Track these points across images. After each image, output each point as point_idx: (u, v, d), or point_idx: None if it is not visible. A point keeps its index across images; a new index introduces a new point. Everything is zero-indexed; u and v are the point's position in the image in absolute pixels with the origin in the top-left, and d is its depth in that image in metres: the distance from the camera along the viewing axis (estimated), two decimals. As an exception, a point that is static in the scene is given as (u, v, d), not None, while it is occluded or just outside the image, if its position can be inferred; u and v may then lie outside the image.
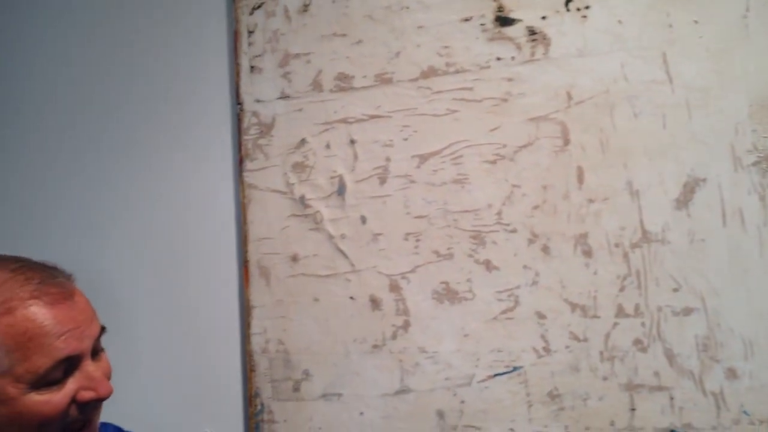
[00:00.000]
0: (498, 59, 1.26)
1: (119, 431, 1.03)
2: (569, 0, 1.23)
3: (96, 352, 0.87)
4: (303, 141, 1.38)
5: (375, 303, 1.32)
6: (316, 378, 1.35)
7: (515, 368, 1.23)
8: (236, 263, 1.44)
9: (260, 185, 1.40)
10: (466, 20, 1.28)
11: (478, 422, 1.25)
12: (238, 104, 1.43)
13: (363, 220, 1.33)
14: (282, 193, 1.39)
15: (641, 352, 1.17)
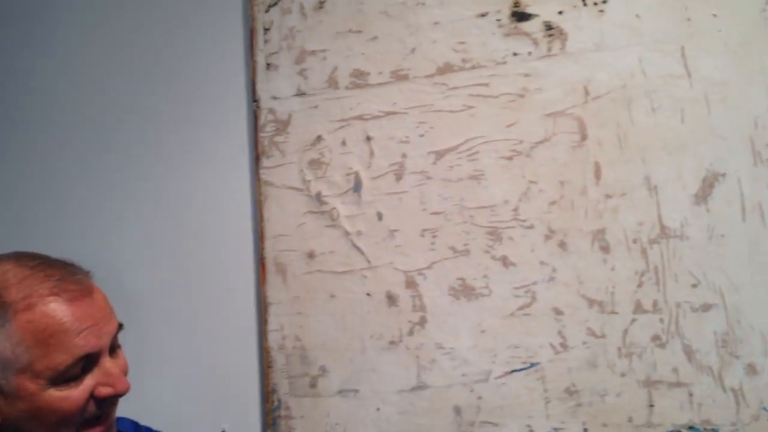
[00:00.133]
0: (514, 54, 1.26)
1: (136, 426, 1.04)
2: (586, -6, 1.23)
3: (113, 349, 0.88)
4: (319, 138, 1.38)
5: (391, 299, 1.32)
6: (333, 374, 1.35)
7: (532, 364, 1.23)
8: (253, 260, 1.44)
9: (276, 182, 1.41)
10: (482, 16, 1.28)
11: (496, 418, 1.25)
12: (255, 101, 1.43)
13: (379, 217, 1.34)
14: (298, 190, 1.39)
15: (660, 348, 1.16)
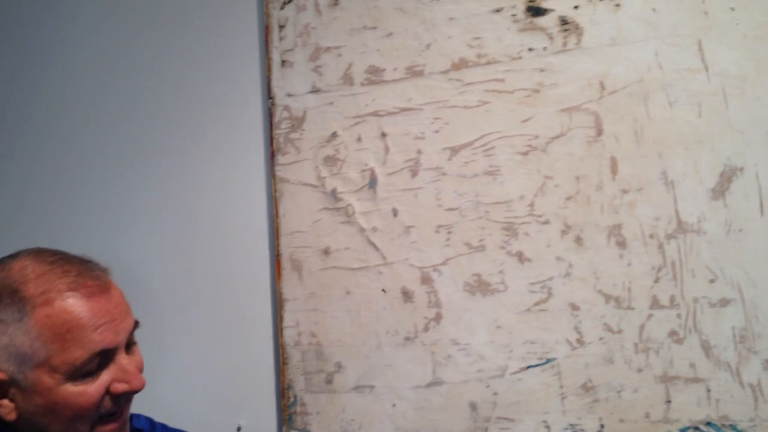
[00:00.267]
0: (530, 50, 1.26)
1: (151, 423, 1.05)
2: (602, -11, 1.22)
3: (129, 346, 0.88)
4: (334, 134, 1.38)
5: (407, 295, 1.32)
6: (349, 370, 1.36)
7: (548, 360, 1.23)
8: (268, 257, 1.45)
9: (292, 179, 1.41)
10: (497, 11, 1.28)
11: (512, 414, 1.25)
12: (270, 98, 1.44)
13: (394, 213, 1.34)
14: (313, 187, 1.39)
15: (677, 344, 1.16)
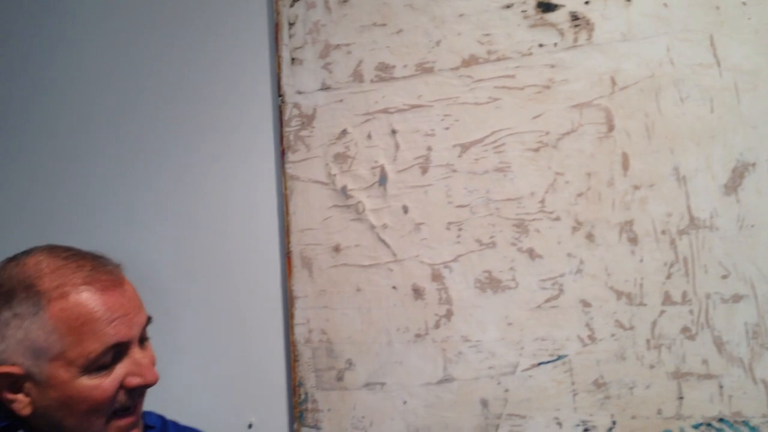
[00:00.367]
0: (540, 46, 1.25)
1: (163, 420, 1.05)
2: (613, -16, 1.22)
3: (142, 341, 0.89)
4: (344, 132, 1.39)
5: (417, 292, 1.32)
6: (359, 367, 1.36)
7: (560, 357, 1.23)
8: (279, 254, 1.45)
9: (302, 176, 1.41)
10: (507, 7, 1.27)
11: (523, 411, 1.25)
12: (280, 96, 1.44)
13: (405, 210, 1.34)
14: (324, 184, 1.40)
15: (689, 340, 1.15)
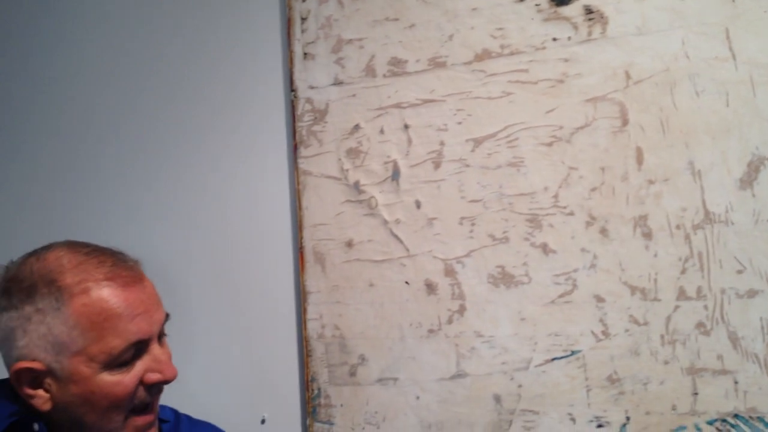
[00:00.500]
0: (554, 40, 1.25)
1: (176, 414, 1.06)
2: (627, -23, 1.21)
3: (159, 337, 0.89)
4: (357, 127, 1.38)
5: (430, 287, 1.32)
6: (372, 363, 1.36)
7: (573, 352, 1.22)
8: (291, 249, 1.45)
9: (315, 171, 1.41)
10: (521, 1, 1.26)
11: (536, 406, 1.24)
12: (292, 91, 1.44)
13: (417, 205, 1.33)
14: (336, 179, 1.40)
15: (704, 336, 1.15)
